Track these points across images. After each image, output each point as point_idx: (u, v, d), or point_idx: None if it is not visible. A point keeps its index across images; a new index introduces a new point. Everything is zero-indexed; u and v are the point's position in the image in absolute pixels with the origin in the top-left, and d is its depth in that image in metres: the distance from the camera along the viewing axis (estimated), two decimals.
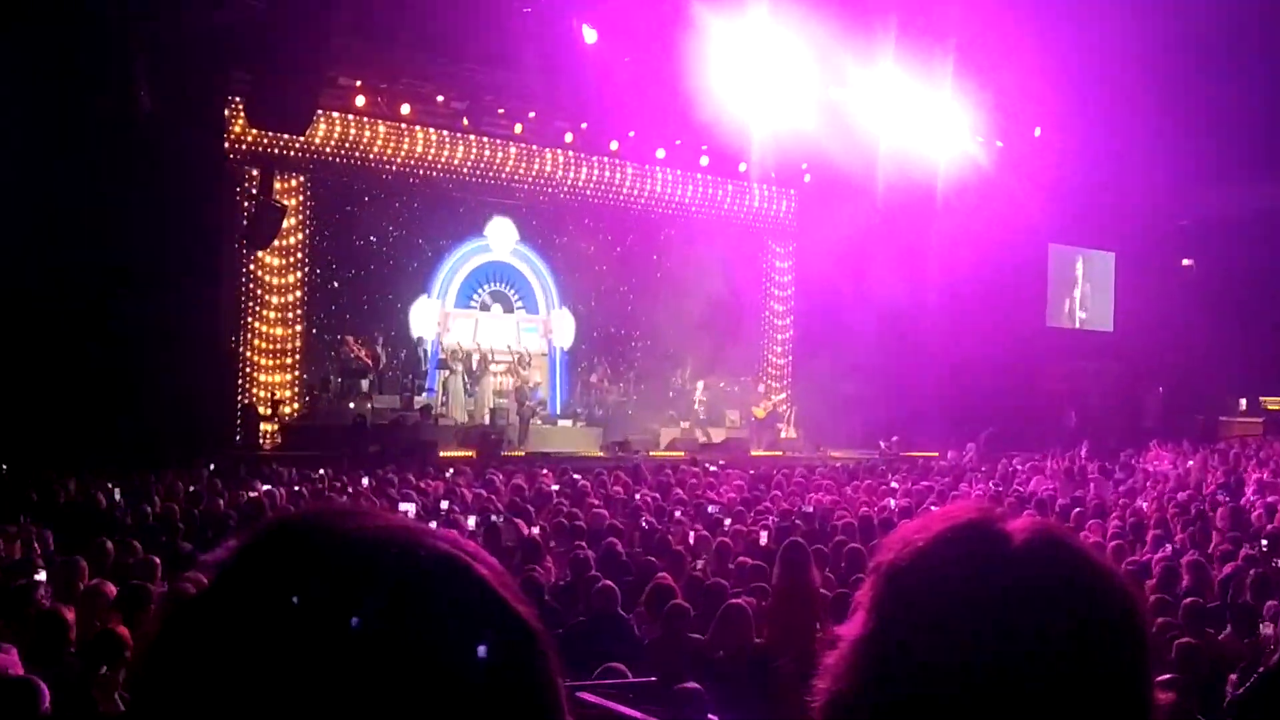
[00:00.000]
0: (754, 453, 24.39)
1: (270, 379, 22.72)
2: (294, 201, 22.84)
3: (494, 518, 11.29)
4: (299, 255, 23.26)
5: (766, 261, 29.95)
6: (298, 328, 23.22)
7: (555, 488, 14.63)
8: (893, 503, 13.89)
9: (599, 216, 27.12)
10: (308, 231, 23.46)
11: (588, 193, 26.66)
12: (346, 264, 24.27)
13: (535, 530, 10.57)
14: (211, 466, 15.67)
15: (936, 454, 23.56)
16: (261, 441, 21.07)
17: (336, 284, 24.12)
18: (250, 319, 22.59)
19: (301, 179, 23.19)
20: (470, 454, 20.95)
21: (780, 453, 24.69)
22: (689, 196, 28.02)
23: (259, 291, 22.70)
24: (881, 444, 24.92)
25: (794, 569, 7.11)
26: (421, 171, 24.46)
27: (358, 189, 24.23)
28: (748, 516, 12.43)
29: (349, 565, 0.83)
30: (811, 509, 12.85)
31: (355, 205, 24.28)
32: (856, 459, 22.91)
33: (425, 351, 24.59)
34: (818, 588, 7.36)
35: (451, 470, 16.66)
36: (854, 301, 26.35)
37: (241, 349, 22.38)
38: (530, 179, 25.83)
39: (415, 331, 25.11)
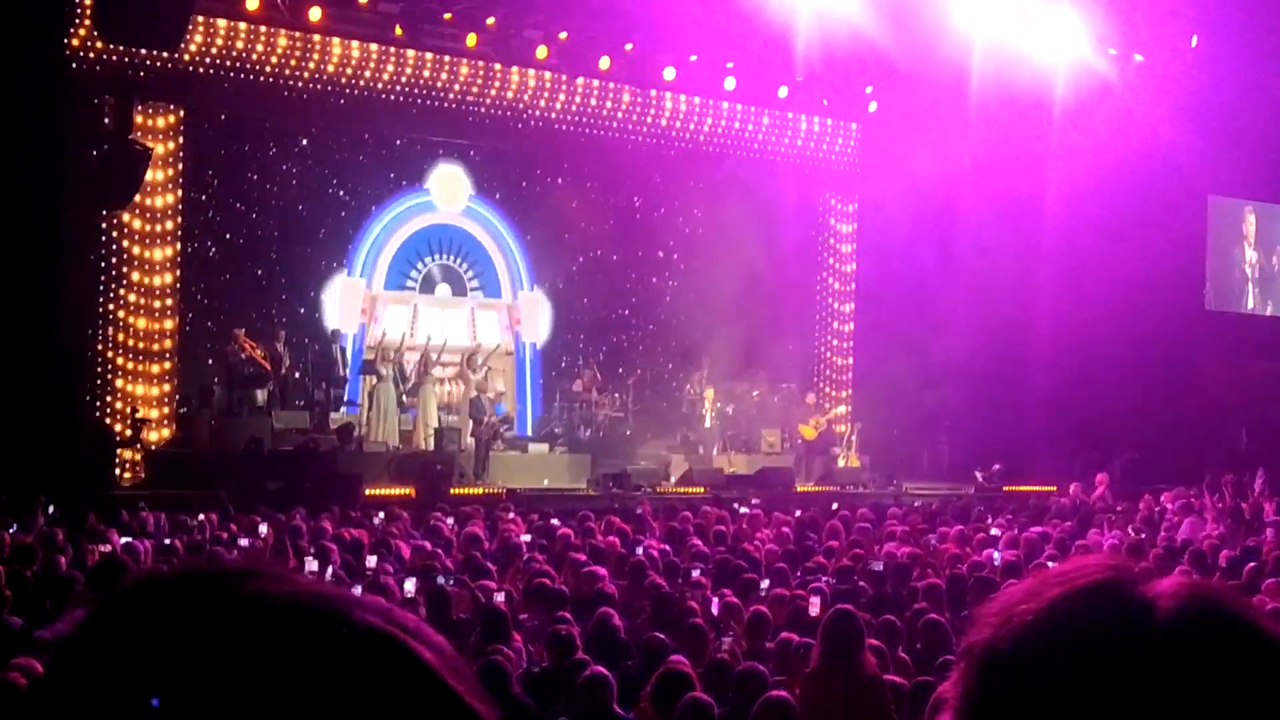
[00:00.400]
0: (801, 487, 24.39)
1: (132, 389, 22.76)
2: (163, 145, 22.88)
3: (441, 580, 11.30)
4: (171, 218, 23.30)
5: (819, 222, 30.00)
6: (169, 320, 23.26)
7: (526, 538, 14.64)
8: (996, 557, 13.88)
9: (585, 161, 27.17)
10: (182, 185, 23.49)
11: (570, 127, 26.71)
12: (235, 230, 24.34)
13: (500, 597, 10.59)
14: (51, 511, 15.67)
15: (1054, 489, 23.57)
16: (120, 476, 21.07)
17: (221, 257, 24.15)
18: (106, 306, 22.63)
19: (174, 113, 23.23)
20: (407, 491, 20.94)
21: (837, 487, 24.67)
22: (709, 131, 28.07)
23: (117, 268, 22.74)
24: (978, 475, 24.98)
25: (839, 649, 7.11)
26: (338, 100, 24.52)
27: (250, 126, 24.26)
28: (793, 576, 12.44)
29: (245, 648, 0.84)
30: (880, 566, 12.84)
31: (247, 149, 24.32)
32: (943, 496, 22.94)
33: (343, 350, 24.63)
34: (874, 674, 7.37)
35: (382, 514, 16.65)
36: (938, 278, 26.37)
37: (92, 349, 22.42)
38: (490, 108, 25.92)
39: (330, 323, 25.14)
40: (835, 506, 19.89)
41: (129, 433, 22.05)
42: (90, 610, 0.90)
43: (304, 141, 24.88)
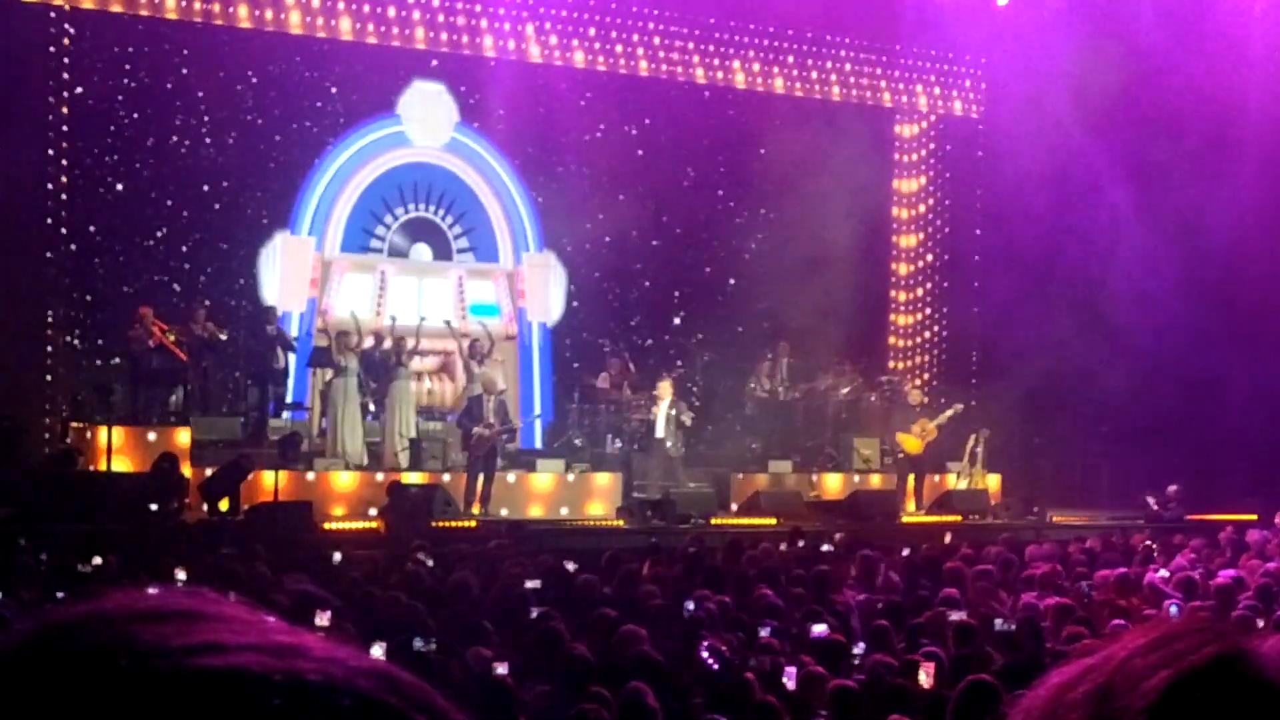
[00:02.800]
0: (908, 518, 24.37)
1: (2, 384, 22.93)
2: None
3: (419, 644, 11.31)
4: (50, 154, 23.40)
5: (887, 169, 30.02)
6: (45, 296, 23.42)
7: (535, 585, 14.67)
8: (1174, 610, 13.82)
9: (609, 79, 27.16)
10: (66, 109, 23.59)
11: (585, 29, 26.71)
12: (133, 171, 24.44)
13: (502, 668, 10.60)
14: None
15: (1254, 518, 23.45)
16: None
17: (117, 210, 24.28)
18: None
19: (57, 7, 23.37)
20: (375, 525, 21.01)
21: (958, 517, 24.62)
22: (760, 62, 28.17)
23: None
24: (1150, 500, 24.87)
25: None
26: None
27: (155, 32, 24.32)
28: (897, 638, 12.42)
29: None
30: (1012, 625, 12.78)
31: (143, 49, 24.38)
32: (1102, 528, 22.84)
33: (285, 335, 24.70)
34: None
35: (339, 555, 16.69)
36: (1087, 232, 26.26)
37: None
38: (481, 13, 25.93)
39: (267, 298, 25.23)
40: (948, 538, 19.83)
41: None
42: None
43: (224, 40, 24.78)
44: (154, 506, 19.96)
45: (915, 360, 29.83)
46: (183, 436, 22.20)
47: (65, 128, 23.63)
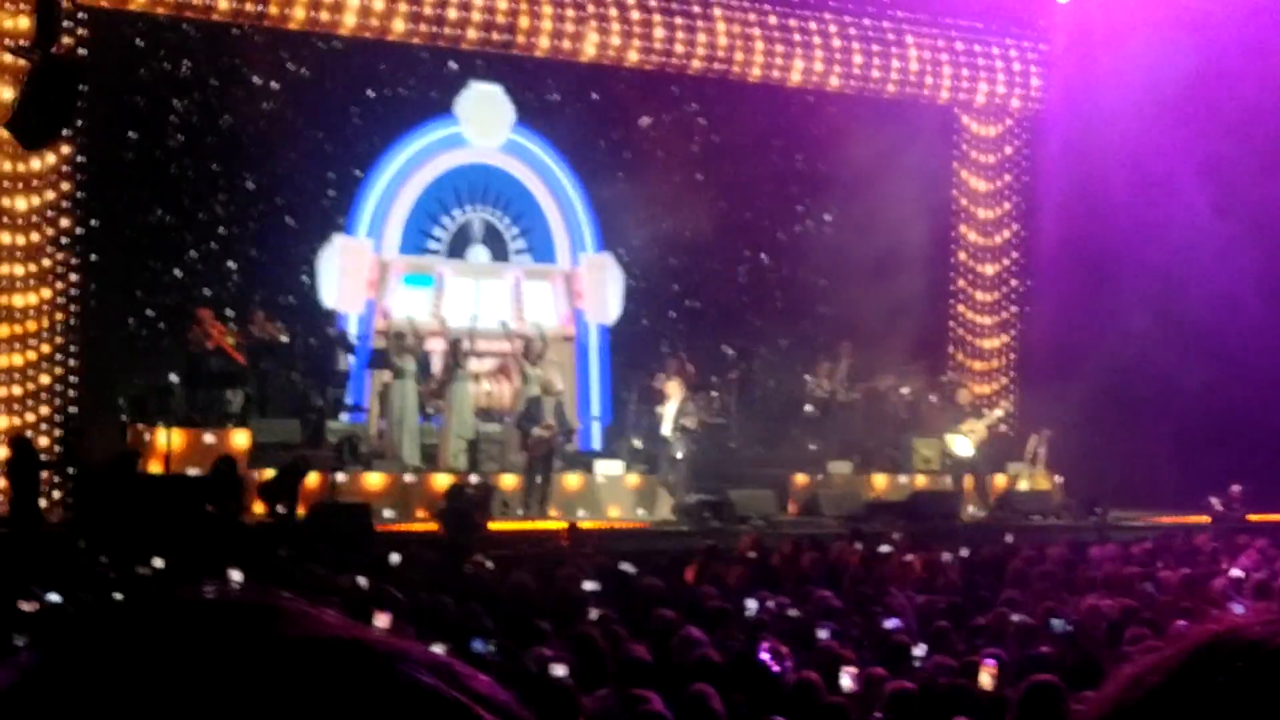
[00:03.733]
0: (968, 517, 24.25)
1: (59, 388, 23.02)
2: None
3: (479, 645, 11.30)
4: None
5: (953, 156, 29.87)
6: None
7: (593, 586, 14.65)
8: (1239, 610, 13.67)
9: (667, 83, 27.16)
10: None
11: (648, 28, 26.69)
12: (191, 173, 24.55)
13: (560, 669, 10.58)
14: None
15: None
16: (43, 509, 21.28)
17: (162, 209, 24.39)
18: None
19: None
20: (432, 527, 21.05)
21: (1019, 518, 24.52)
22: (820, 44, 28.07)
23: (10, 221, 22.99)
24: (1214, 500, 24.72)
25: None
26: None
27: (215, 37, 24.40)
28: (957, 639, 12.38)
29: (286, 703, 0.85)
30: (1069, 626, 12.69)
31: (213, 66, 24.48)
32: (1165, 529, 22.74)
33: (344, 337, 24.77)
34: None
35: (397, 557, 16.73)
36: (1155, 221, 26.09)
37: None
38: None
39: (326, 299, 25.29)
40: (1009, 539, 19.74)
41: (57, 449, 22.23)
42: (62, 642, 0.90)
43: (283, 53, 24.95)
44: (212, 509, 20.06)
45: (979, 363, 29.64)
46: (241, 439, 22.30)
47: (130, 133, 23.75)
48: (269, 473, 21.36)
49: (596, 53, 26.31)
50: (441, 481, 22.48)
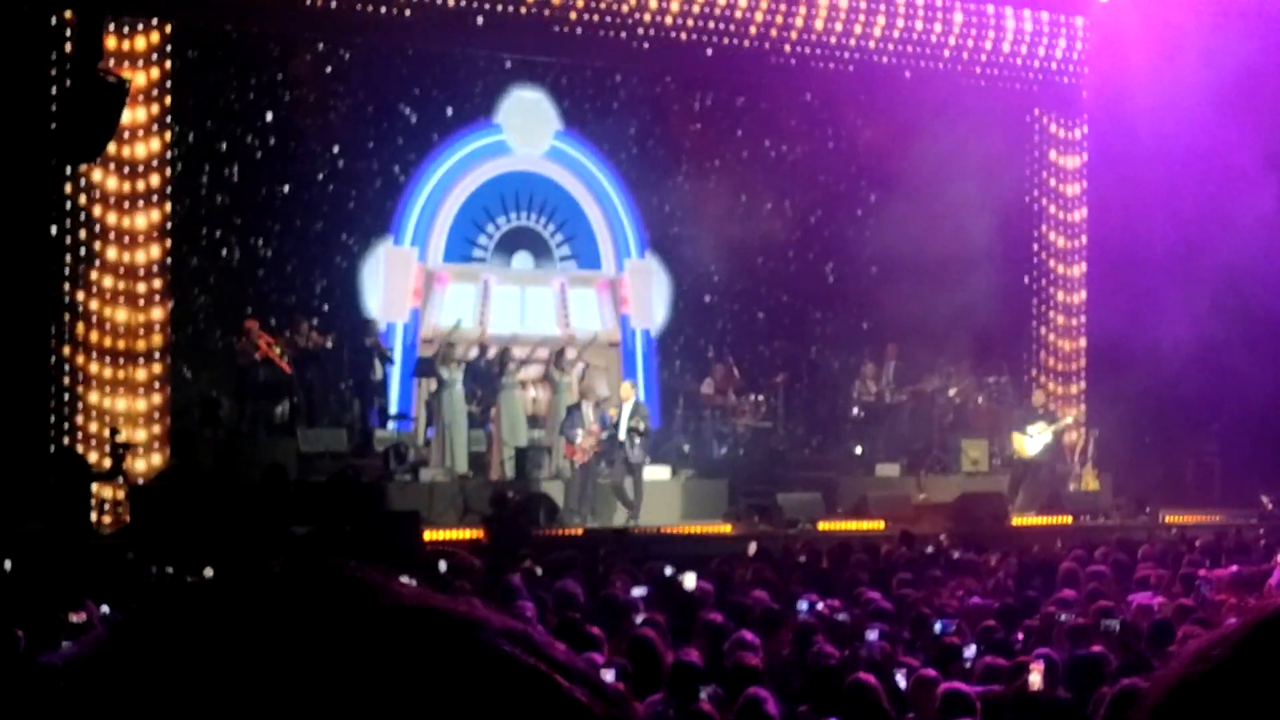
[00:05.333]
0: (1018, 520, 24.19)
1: (110, 404, 23.06)
2: (143, 74, 23.19)
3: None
4: (155, 173, 23.56)
5: (1034, 154, 29.71)
6: (156, 310, 23.51)
7: (641, 592, 14.64)
8: None
9: (710, 78, 27.21)
10: (170, 128, 23.80)
11: (689, 34, 26.60)
12: (241, 188, 24.64)
13: (609, 674, 10.58)
14: (7, 566, 15.91)
15: None
16: (97, 521, 21.37)
17: (222, 225, 24.43)
18: (72, 295, 22.93)
19: (155, 30, 23.52)
20: (475, 534, 21.07)
21: (1068, 518, 24.44)
22: (880, 36, 27.89)
23: (88, 242, 23.05)
24: (1265, 499, 24.57)
25: None
26: (376, 7, 24.63)
27: (256, 47, 24.52)
28: (1009, 638, 12.34)
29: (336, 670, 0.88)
30: (1115, 623, 12.64)
31: (254, 80, 24.59)
32: (1216, 527, 22.61)
33: (388, 347, 24.79)
34: None
35: (444, 564, 16.77)
36: (1207, 221, 25.94)
37: (54, 352, 22.77)
38: (583, 12, 25.81)
39: (371, 309, 25.35)
40: (1060, 544, 19.65)
41: (108, 462, 22.29)
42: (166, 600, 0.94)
43: (328, 69, 25.05)
44: (262, 518, 20.10)
45: (1025, 360, 29.47)
46: (289, 448, 22.31)
47: (169, 137, 23.78)
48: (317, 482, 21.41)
49: (644, 53, 26.17)
50: (489, 489, 22.50)
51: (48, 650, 11.53)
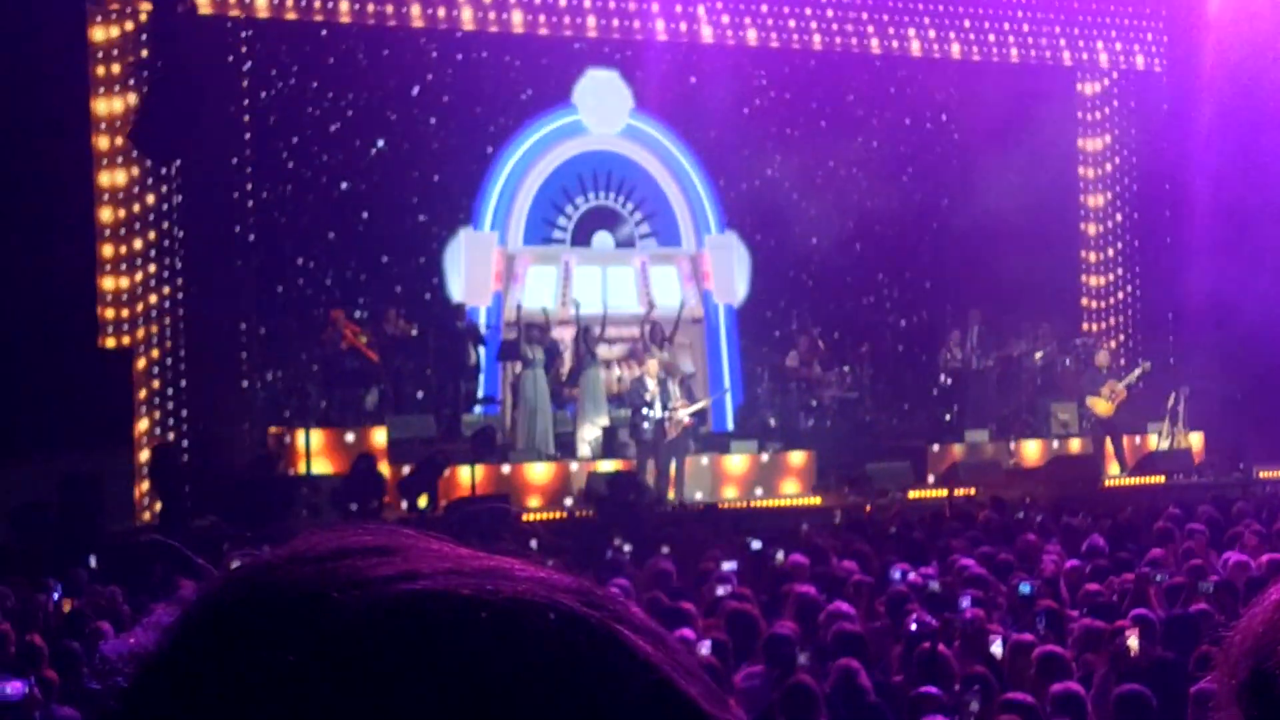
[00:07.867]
0: (1111, 481, 24.05)
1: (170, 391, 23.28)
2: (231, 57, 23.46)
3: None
4: (234, 162, 23.77)
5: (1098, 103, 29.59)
6: (241, 300, 23.81)
7: (732, 566, 14.67)
8: None
9: (784, 60, 27.10)
10: (248, 118, 24.02)
11: (757, 5, 26.62)
12: (313, 174, 24.86)
13: (705, 648, 10.64)
14: (93, 563, 16.01)
15: None
16: (184, 511, 21.55)
17: (296, 211, 24.67)
18: (158, 289, 23.16)
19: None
20: (569, 515, 21.26)
21: (1161, 478, 24.28)
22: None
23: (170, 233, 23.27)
24: None
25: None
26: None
27: (322, 27, 24.69)
28: (1105, 600, 12.33)
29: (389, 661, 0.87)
30: (1209, 585, 12.57)
31: (330, 60, 24.76)
32: None
33: (474, 330, 24.86)
34: None
35: (535, 542, 16.85)
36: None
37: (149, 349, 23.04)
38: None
39: (454, 295, 25.48)
40: (1151, 499, 19.63)
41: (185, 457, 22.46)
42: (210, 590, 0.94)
43: (398, 40, 24.98)
44: (354, 506, 20.28)
45: (1110, 321, 29.35)
46: (379, 436, 22.50)
47: (248, 135, 23.95)
48: (407, 468, 21.54)
49: (713, 33, 26.26)
50: (577, 469, 22.60)
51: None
